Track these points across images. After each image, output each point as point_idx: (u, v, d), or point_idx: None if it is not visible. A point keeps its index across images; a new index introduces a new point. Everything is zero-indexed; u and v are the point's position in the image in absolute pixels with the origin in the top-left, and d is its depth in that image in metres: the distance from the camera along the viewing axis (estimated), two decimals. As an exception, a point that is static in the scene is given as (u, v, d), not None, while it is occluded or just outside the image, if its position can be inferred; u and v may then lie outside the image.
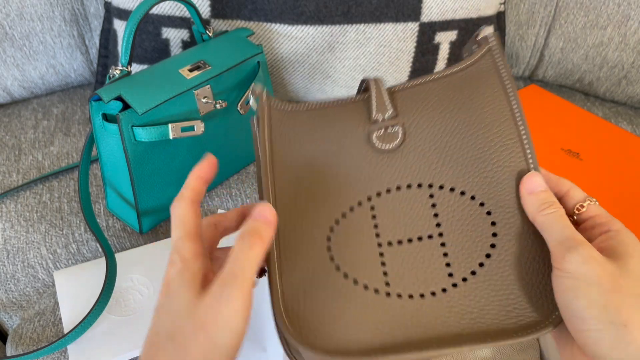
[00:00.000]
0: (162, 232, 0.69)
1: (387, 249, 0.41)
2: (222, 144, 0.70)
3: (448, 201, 0.42)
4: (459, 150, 0.43)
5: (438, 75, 0.45)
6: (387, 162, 0.44)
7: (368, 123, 0.44)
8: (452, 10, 0.77)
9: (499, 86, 0.44)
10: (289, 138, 0.45)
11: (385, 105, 0.44)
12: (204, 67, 0.64)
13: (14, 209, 0.71)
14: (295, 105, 0.46)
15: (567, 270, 0.35)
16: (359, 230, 0.42)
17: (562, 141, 0.78)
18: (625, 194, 0.70)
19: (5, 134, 0.83)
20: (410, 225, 0.42)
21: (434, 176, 0.43)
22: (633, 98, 0.92)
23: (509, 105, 0.44)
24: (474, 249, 0.41)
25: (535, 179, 0.40)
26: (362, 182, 0.43)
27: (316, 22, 0.74)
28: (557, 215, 0.38)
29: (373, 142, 0.44)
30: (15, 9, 0.80)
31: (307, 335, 0.39)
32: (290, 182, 0.44)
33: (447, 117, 0.44)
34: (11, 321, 0.64)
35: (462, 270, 0.40)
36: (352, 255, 0.41)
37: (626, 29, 0.85)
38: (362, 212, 0.42)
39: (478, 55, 0.45)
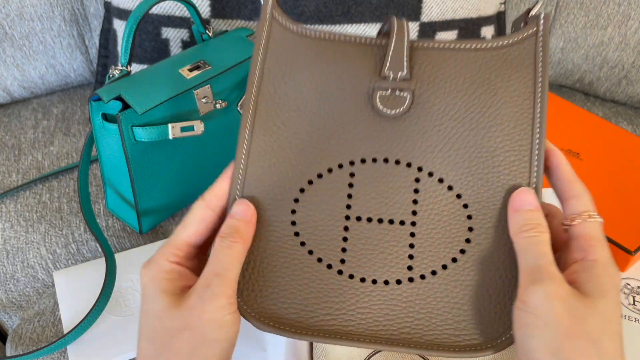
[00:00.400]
0: (162, 232, 0.69)
1: (354, 224, 0.38)
2: (222, 144, 0.70)
3: (432, 191, 0.38)
4: (463, 140, 0.39)
5: (473, 44, 0.39)
6: (383, 129, 0.39)
7: (376, 77, 0.39)
8: (452, 10, 0.77)
9: (531, 82, 0.39)
10: (284, 65, 0.40)
11: (402, 62, 0.38)
12: (204, 67, 0.64)
13: (14, 209, 0.71)
14: (303, 27, 0.40)
15: (528, 304, 0.32)
16: (331, 197, 0.39)
17: (562, 141, 0.78)
18: (625, 194, 0.70)
19: (5, 134, 0.82)
20: (385, 204, 0.38)
21: (427, 160, 0.39)
22: (633, 98, 0.91)
23: (533, 108, 0.38)
24: (442, 248, 0.38)
25: (525, 196, 0.37)
26: (348, 143, 0.39)
27: (316, 22, 0.74)
28: (536, 240, 0.35)
29: (375, 102, 0.39)
30: (15, 9, 0.80)
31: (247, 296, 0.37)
32: (273, 122, 0.40)
33: (464, 100, 0.39)
34: (11, 321, 0.64)
35: (424, 267, 0.37)
36: (315, 224, 0.38)
37: (626, 28, 0.85)
38: (339, 177, 0.39)
39: (521, 36, 0.39)
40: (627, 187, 0.71)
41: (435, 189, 0.39)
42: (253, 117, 0.40)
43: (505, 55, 0.39)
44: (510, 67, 0.39)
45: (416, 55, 0.39)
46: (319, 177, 0.39)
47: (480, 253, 0.37)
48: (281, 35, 0.40)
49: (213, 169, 0.71)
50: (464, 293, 0.37)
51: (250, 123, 0.40)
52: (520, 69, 0.39)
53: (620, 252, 0.62)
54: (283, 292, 0.37)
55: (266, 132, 0.40)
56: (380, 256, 0.38)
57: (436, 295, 0.37)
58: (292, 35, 0.40)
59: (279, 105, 0.40)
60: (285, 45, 0.40)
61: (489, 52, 0.39)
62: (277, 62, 0.40)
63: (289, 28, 0.41)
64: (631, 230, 0.65)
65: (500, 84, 0.39)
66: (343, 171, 0.39)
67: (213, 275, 0.35)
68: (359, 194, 0.39)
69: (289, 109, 0.40)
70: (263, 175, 0.39)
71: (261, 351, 0.54)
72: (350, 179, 0.39)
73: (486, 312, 0.36)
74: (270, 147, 0.39)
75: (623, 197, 0.69)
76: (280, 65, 0.40)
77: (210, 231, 0.39)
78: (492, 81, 0.39)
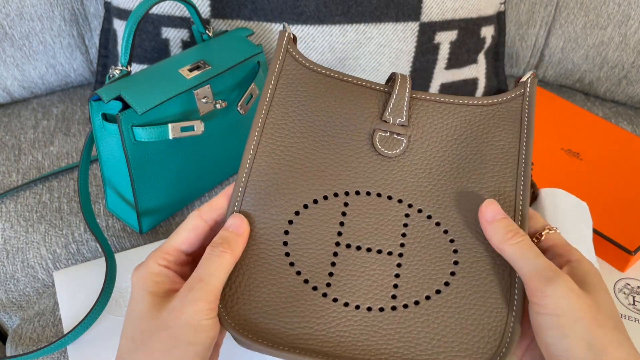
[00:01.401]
0: (162, 232, 0.69)
1: (343, 251, 0.40)
2: (222, 144, 0.70)
3: (421, 226, 0.41)
4: (451, 183, 0.42)
5: (466, 100, 0.44)
6: (379, 166, 0.42)
7: (377, 119, 0.43)
8: (452, 10, 0.77)
9: (517, 134, 0.43)
10: (294, 95, 0.43)
11: (402, 111, 0.43)
12: (204, 67, 0.64)
13: (14, 209, 0.71)
14: (315, 64, 0.44)
15: (549, 305, 0.33)
16: (324, 222, 0.40)
17: (562, 141, 0.78)
18: (625, 194, 0.70)
19: (5, 134, 0.82)
20: (375, 235, 0.40)
21: (416, 198, 0.42)
22: (633, 98, 0.91)
23: (518, 155, 0.42)
24: (427, 280, 0.39)
25: (493, 207, 0.39)
26: (345, 175, 0.42)
27: (316, 22, 0.74)
28: (525, 243, 0.36)
29: (375, 142, 0.43)
30: (15, 9, 0.80)
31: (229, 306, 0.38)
32: (276, 145, 0.42)
33: (454, 148, 0.43)
34: (11, 321, 0.64)
35: (407, 297, 0.38)
36: (306, 246, 0.40)
37: (626, 28, 0.85)
38: (334, 204, 0.41)
39: (510, 96, 0.44)
40: (627, 187, 0.71)
41: (423, 224, 0.41)
42: (259, 138, 0.42)
43: (495, 111, 0.43)
44: (499, 122, 0.43)
45: (414, 105, 0.43)
46: (314, 202, 0.41)
47: (464, 286, 0.39)
48: (294, 67, 0.44)
49: (213, 169, 0.71)
50: (446, 324, 0.38)
51: (255, 143, 0.42)
52: (507, 124, 0.43)
53: (620, 252, 0.62)
54: (265, 307, 0.38)
55: (269, 154, 0.41)
56: (366, 283, 0.39)
57: (417, 325, 0.38)
58: (304, 70, 0.44)
59: (285, 130, 0.42)
60: (297, 77, 0.43)
61: (480, 108, 0.44)
62: (287, 91, 0.43)
63: (301, 62, 0.44)
64: (631, 230, 0.65)
65: (488, 136, 0.43)
66: (338, 200, 0.41)
67: (197, 281, 0.36)
68: (351, 222, 0.41)
69: (294, 135, 0.42)
70: (261, 194, 0.41)
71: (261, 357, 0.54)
72: (344, 208, 0.41)
73: (469, 341, 0.37)
74: (272, 168, 0.41)
75: (623, 197, 0.69)
76: (290, 94, 0.43)
77: (201, 241, 0.40)
78: (481, 133, 0.43)
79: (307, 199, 0.41)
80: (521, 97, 0.44)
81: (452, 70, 0.82)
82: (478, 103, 0.44)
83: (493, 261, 0.39)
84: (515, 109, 0.44)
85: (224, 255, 0.37)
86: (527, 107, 0.43)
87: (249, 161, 0.41)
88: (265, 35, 0.76)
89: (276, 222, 0.40)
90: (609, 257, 0.64)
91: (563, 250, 0.38)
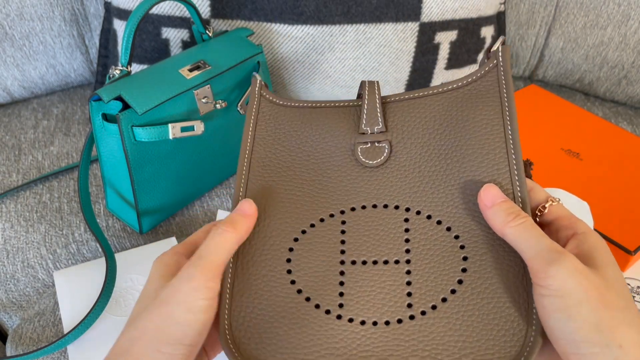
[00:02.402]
0: (162, 232, 0.69)
1: (350, 268, 0.39)
2: (222, 144, 0.70)
3: (422, 228, 0.39)
4: (443, 177, 0.40)
5: (439, 89, 0.42)
6: (368, 178, 0.42)
7: (355, 133, 0.43)
8: (452, 10, 0.77)
9: (497, 109, 0.40)
10: (273, 133, 0.44)
11: (377, 118, 0.42)
12: (204, 67, 0.64)
13: (14, 209, 0.71)
14: (288, 100, 0.45)
15: (551, 287, 0.31)
16: (324, 244, 0.40)
17: (562, 141, 0.78)
18: (625, 194, 0.70)
19: (5, 134, 0.82)
20: (378, 246, 0.39)
21: (412, 200, 0.40)
22: (633, 98, 0.91)
23: (504, 131, 0.40)
24: (439, 282, 0.37)
25: (492, 190, 0.37)
26: (338, 195, 0.41)
27: (316, 22, 0.74)
28: (527, 224, 0.35)
29: (357, 155, 0.42)
30: (15, 9, 0.80)
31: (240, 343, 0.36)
32: (265, 181, 0.42)
33: (437, 139, 0.41)
34: (11, 321, 0.64)
35: (423, 303, 0.37)
36: (311, 271, 0.39)
37: (626, 29, 0.85)
38: (331, 225, 0.40)
39: (483, 71, 0.42)
40: (627, 187, 0.71)
41: (425, 226, 0.39)
42: (246, 179, 0.42)
43: (471, 91, 0.42)
44: (476, 101, 0.41)
45: (389, 109, 0.43)
46: (311, 226, 0.40)
47: (477, 281, 0.37)
48: (268, 108, 0.45)
49: (213, 169, 0.71)
50: (468, 323, 0.36)
51: (243, 184, 0.42)
52: (485, 100, 0.41)
53: (620, 252, 0.62)
54: (281, 342, 0.36)
55: (258, 192, 0.41)
56: (378, 297, 0.38)
57: (439, 330, 0.36)
58: (278, 107, 0.45)
59: (270, 166, 0.43)
60: (273, 115, 0.45)
61: (455, 92, 0.42)
62: (266, 130, 0.44)
63: (275, 102, 0.45)
64: (631, 230, 0.65)
65: (468, 118, 0.41)
66: (335, 219, 0.41)
67: (196, 258, 0.35)
68: (352, 239, 0.40)
69: (280, 169, 0.42)
70: (256, 232, 0.41)
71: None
72: (342, 226, 0.40)
73: (493, 336, 0.35)
74: (263, 206, 0.41)
75: (623, 197, 0.69)
76: (269, 132, 0.44)
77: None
78: (461, 117, 0.41)
79: (304, 224, 0.40)
80: (495, 68, 0.42)
81: (452, 70, 0.82)
82: (452, 87, 0.42)
83: (502, 250, 0.37)
84: (492, 82, 0.41)
85: (225, 233, 0.37)
86: (503, 78, 0.41)
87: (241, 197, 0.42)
88: (265, 35, 0.76)
89: (277, 253, 0.39)
90: (609, 257, 0.64)
91: (568, 222, 0.36)
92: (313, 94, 0.82)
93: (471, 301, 0.36)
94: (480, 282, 0.37)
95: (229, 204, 0.72)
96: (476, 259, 0.38)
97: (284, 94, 0.83)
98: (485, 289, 0.37)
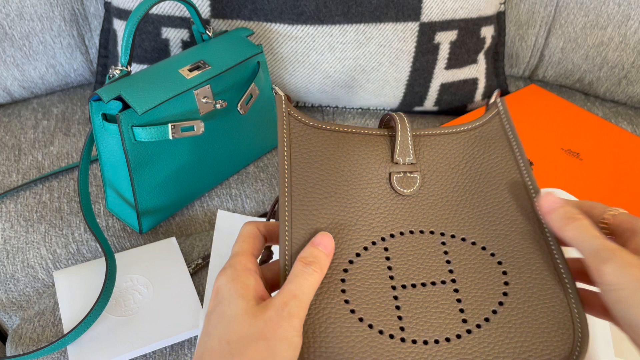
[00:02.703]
0: (162, 232, 0.69)
1: (402, 293, 0.41)
2: (222, 144, 0.70)
3: (460, 249, 0.43)
4: (470, 204, 0.45)
5: (455, 129, 0.48)
6: (402, 206, 0.45)
7: (390, 163, 0.46)
8: (452, 10, 0.77)
9: (507, 147, 0.48)
10: (309, 155, 0.45)
11: (409, 150, 0.46)
12: (204, 67, 0.64)
13: (14, 209, 0.71)
14: (315, 121, 0.46)
15: (608, 282, 0.35)
16: (373, 271, 0.42)
17: (562, 141, 0.78)
18: (625, 194, 0.70)
19: (5, 134, 0.83)
20: (423, 269, 0.42)
21: (446, 225, 0.44)
22: (633, 98, 0.91)
23: (517, 165, 0.47)
24: (486, 296, 0.41)
25: (549, 198, 0.41)
26: (377, 222, 0.44)
27: (316, 22, 0.74)
28: (583, 226, 0.38)
29: (393, 184, 0.45)
30: (15, 9, 0.80)
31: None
32: (308, 208, 0.43)
33: (460, 173, 0.47)
34: (11, 321, 0.64)
35: (476, 317, 0.40)
36: (367, 298, 0.41)
37: (626, 29, 0.85)
38: (376, 252, 0.43)
39: (488, 117, 0.49)
40: (627, 187, 0.71)
41: (462, 247, 0.43)
42: (290, 208, 0.43)
43: (481, 133, 0.49)
44: (488, 142, 0.48)
45: (417, 143, 0.47)
46: (357, 255, 0.42)
47: (521, 291, 0.41)
48: (299, 128, 0.46)
49: (213, 169, 0.71)
50: (520, 328, 0.39)
51: (288, 214, 0.43)
52: (496, 141, 0.48)
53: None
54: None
55: (303, 221, 0.43)
56: (435, 316, 0.40)
57: (496, 340, 0.39)
58: (310, 129, 0.46)
59: (311, 192, 0.44)
60: (305, 136, 0.46)
61: (467, 134, 0.49)
62: (301, 152, 0.45)
63: (305, 122, 0.46)
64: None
65: (484, 156, 0.48)
66: (377, 247, 0.43)
67: (291, 297, 0.36)
68: (398, 264, 0.43)
69: (321, 194, 0.44)
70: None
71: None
72: (386, 253, 0.43)
73: (547, 336, 0.39)
74: (310, 235, 0.42)
75: (622, 196, 0.69)
76: (303, 155, 0.45)
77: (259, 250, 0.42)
78: (477, 155, 0.48)
79: (350, 254, 0.42)
80: (498, 115, 0.49)
81: (452, 70, 0.82)
82: (464, 129, 0.49)
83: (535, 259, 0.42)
84: (497, 126, 0.49)
85: (315, 275, 0.38)
86: (506, 122, 0.49)
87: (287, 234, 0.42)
88: (265, 35, 0.76)
89: (330, 285, 0.41)
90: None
91: (629, 223, 0.39)
92: (313, 94, 0.82)
93: (519, 310, 0.40)
94: (523, 292, 0.41)
95: (229, 204, 0.72)
96: (515, 272, 0.42)
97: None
98: (529, 298, 0.41)
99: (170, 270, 0.62)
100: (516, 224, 0.44)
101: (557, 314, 0.40)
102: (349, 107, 0.87)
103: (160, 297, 0.59)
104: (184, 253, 0.65)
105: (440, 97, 0.84)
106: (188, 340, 0.57)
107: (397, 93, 0.82)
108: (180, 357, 0.56)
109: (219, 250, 0.63)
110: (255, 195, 0.72)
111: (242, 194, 0.73)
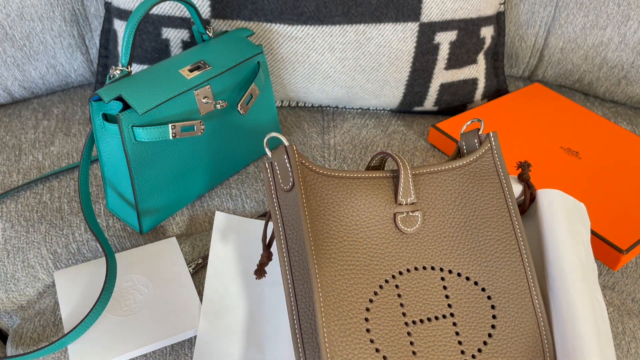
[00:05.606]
0: (162, 232, 0.69)
1: (414, 328, 0.45)
2: (222, 144, 0.70)
3: (457, 285, 0.48)
4: (465, 240, 0.50)
5: (449, 165, 0.52)
6: (406, 244, 0.49)
7: (394, 204, 0.49)
8: (452, 10, 0.77)
9: (498, 185, 0.52)
10: (323, 203, 0.48)
11: (410, 191, 0.49)
12: (204, 67, 0.64)
13: (14, 209, 0.71)
14: (326, 169, 0.49)
15: None
16: (389, 309, 0.46)
17: (562, 140, 0.78)
18: (623, 193, 0.70)
19: (5, 134, 0.83)
20: (428, 305, 0.47)
21: (444, 261, 0.49)
22: (633, 98, 0.92)
23: (506, 204, 0.52)
24: (479, 328, 0.47)
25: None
26: (387, 261, 0.48)
27: (316, 22, 0.74)
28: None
29: (398, 224, 0.49)
30: (15, 9, 0.80)
31: None
32: (330, 255, 0.46)
33: (456, 210, 0.51)
34: (11, 321, 0.64)
35: (472, 348, 0.46)
36: (387, 336, 0.44)
37: (626, 29, 0.85)
38: (389, 290, 0.47)
39: (481, 152, 0.53)
40: (625, 186, 0.71)
41: (458, 282, 0.48)
42: (316, 254, 0.45)
43: (475, 168, 0.52)
44: (480, 178, 0.52)
45: (416, 181, 0.51)
46: (375, 294, 0.46)
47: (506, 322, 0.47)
48: (312, 177, 0.48)
49: (213, 169, 0.71)
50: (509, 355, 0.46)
51: (314, 260, 0.45)
52: (488, 178, 0.52)
53: (612, 250, 0.63)
54: None
55: (327, 265, 0.45)
56: (442, 348, 0.45)
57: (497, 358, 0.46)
58: (322, 177, 0.49)
59: (330, 238, 0.47)
60: (319, 185, 0.48)
61: (461, 170, 0.52)
62: (316, 201, 0.48)
63: (317, 171, 0.49)
64: (624, 229, 0.65)
65: (477, 192, 0.52)
66: (390, 285, 0.47)
67: None
68: (407, 301, 0.46)
69: (337, 240, 0.47)
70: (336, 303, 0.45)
71: (260, 354, 0.54)
72: (397, 290, 0.47)
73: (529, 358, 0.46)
74: (334, 280, 0.45)
75: (620, 196, 0.69)
76: (318, 203, 0.48)
77: None
78: (471, 190, 0.52)
79: (369, 293, 0.46)
80: (490, 151, 0.53)
81: (451, 70, 0.82)
82: (457, 165, 0.52)
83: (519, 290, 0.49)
84: (489, 162, 0.53)
85: None
86: (498, 158, 0.53)
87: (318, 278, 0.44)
88: (265, 35, 0.76)
89: (357, 324, 0.44)
90: (601, 255, 0.64)
91: None
92: (313, 93, 0.82)
93: (504, 342, 0.47)
94: (507, 324, 0.47)
95: (229, 204, 0.72)
96: (501, 306, 0.48)
97: (284, 94, 0.83)
98: (512, 330, 0.47)
99: (170, 270, 0.62)
100: (504, 261, 0.49)
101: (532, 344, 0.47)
102: (348, 107, 0.87)
103: (161, 297, 0.59)
104: (184, 253, 0.65)
105: (440, 97, 0.84)
106: (188, 340, 0.57)
107: (396, 93, 0.82)
108: (180, 357, 0.56)
109: (217, 253, 0.63)
110: (255, 195, 0.73)
111: (242, 194, 0.73)
